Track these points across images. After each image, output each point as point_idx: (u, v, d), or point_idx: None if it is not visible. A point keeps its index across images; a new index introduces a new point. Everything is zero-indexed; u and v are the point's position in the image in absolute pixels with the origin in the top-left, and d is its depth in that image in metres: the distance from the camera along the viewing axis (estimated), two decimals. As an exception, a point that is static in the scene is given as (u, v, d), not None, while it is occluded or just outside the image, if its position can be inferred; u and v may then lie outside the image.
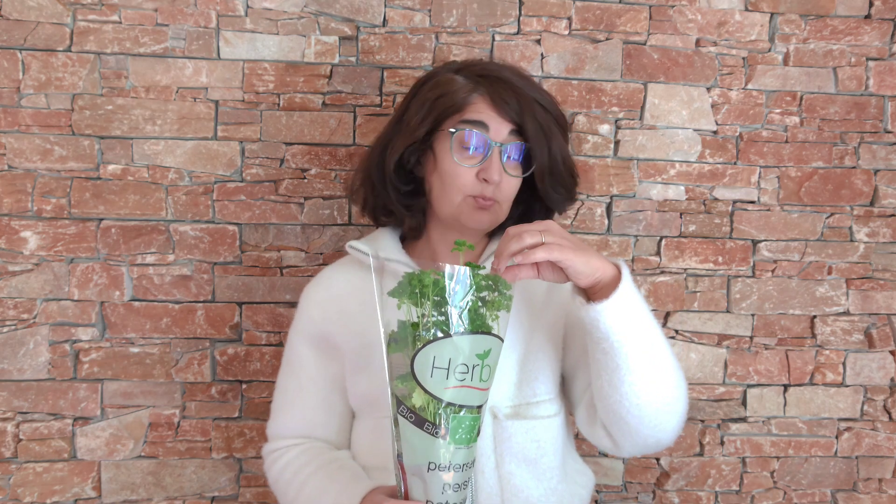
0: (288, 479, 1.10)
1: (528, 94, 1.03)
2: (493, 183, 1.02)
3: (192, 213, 1.36)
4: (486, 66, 1.07)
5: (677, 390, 0.97)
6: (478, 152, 1.02)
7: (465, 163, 1.03)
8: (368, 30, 1.37)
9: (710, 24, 1.43)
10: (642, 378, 0.93)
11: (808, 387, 1.50)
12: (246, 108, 1.36)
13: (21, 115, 1.32)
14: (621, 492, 1.49)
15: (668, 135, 1.44)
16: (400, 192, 1.10)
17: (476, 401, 0.84)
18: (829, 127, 1.46)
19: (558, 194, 1.09)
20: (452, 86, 1.04)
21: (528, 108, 1.02)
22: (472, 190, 1.03)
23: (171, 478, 1.40)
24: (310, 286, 1.16)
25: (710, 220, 1.45)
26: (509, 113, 1.02)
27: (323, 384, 1.14)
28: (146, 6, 1.33)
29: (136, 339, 1.37)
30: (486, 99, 1.02)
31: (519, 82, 1.04)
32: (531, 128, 1.02)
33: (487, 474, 1.03)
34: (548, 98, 1.07)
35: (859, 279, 1.49)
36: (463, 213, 1.05)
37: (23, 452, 1.36)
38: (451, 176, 1.04)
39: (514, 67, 1.10)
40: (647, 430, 0.97)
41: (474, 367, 0.83)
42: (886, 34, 1.46)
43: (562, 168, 1.06)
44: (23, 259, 1.34)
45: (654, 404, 0.95)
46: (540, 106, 1.03)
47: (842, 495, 1.52)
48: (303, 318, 1.14)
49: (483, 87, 1.03)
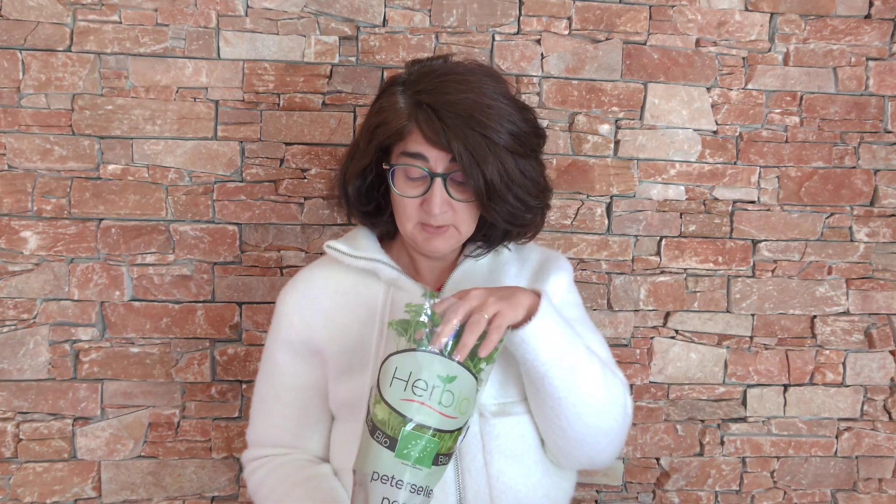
0: (265, 494, 1.10)
1: (455, 122, 0.96)
2: (433, 215, 1.01)
3: (192, 213, 1.36)
4: (427, 85, 1.00)
5: (609, 411, 1.01)
6: (421, 183, 1.01)
7: (409, 193, 1.02)
8: (368, 30, 1.37)
9: (710, 24, 1.43)
10: (574, 405, 0.98)
11: (808, 387, 1.50)
12: (246, 108, 1.36)
13: (21, 115, 1.32)
14: (621, 492, 1.49)
15: (668, 135, 1.44)
16: (361, 212, 1.11)
17: (432, 422, 0.84)
18: (829, 127, 1.46)
19: (502, 216, 1.03)
20: (391, 113, 1.01)
21: (458, 135, 0.96)
22: (420, 219, 1.03)
23: (171, 478, 1.40)
24: (287, 290, 1.13)
25: (710, 220, 1.46)
26: (441, 144, 0.98)
27: (301, 392, 1.12)
28: (146, 6, 1.33)
29: (136, 339, 1.37)
30: (419, 131, 0.99)
31: (451, 106, 0.97)
32: (463, 156, 0.97)
33: (475, 473, 1.03)
34: (488, 117, 0.98)
35: (859, 279, 1.49)
36: (417, 240, 1.05)
37: (23, 452, 1.36)
38: (399, 205, 1.04)
39: (459, 78, 1.01)
40: (579, 453, 1.03)
41: (434, 387, 0.84)
42: (886, 34, 1.46)
43: (502, 189, 0.99)
44: (23, 259, 1.34)
45: (587, 428, 1.00)
46: (472, 130, 0.97)
47: (842, 495, 1.52)
48: (281, 324, 1.12)
49: (416, 116, 0.99)
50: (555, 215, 1.42)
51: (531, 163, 1.04)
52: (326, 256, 1.14)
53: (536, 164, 1.06)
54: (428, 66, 1.05)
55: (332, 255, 1.12)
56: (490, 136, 0.97)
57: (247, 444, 1.18)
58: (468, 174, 0.98)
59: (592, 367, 0.99)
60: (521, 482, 1.05)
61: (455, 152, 0.97)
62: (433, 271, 1.12)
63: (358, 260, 1.09)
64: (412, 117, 0.99)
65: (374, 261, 1.09)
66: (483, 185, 0.98)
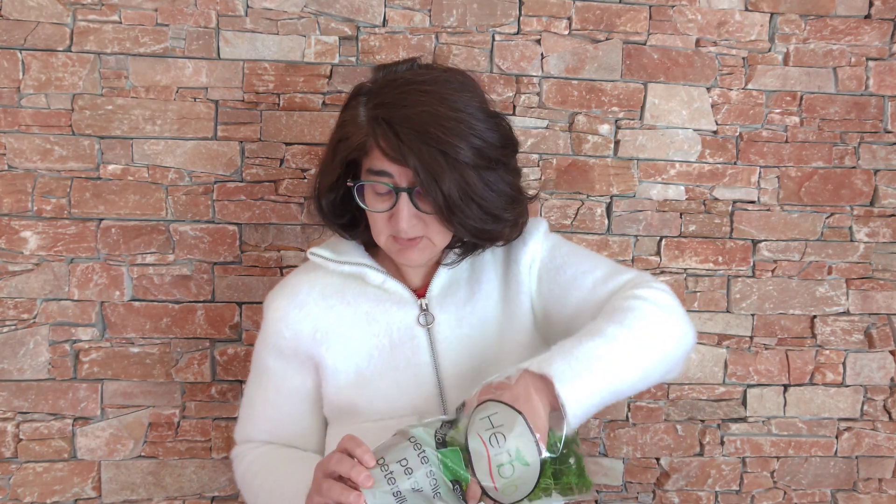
0: (251, 478, 1.10)
1: (410, 138, 0.95)
2: (402, 230, 0.99)
3: (192, 213, 1.36)
4: (385, 98, 0.98)
5: (662, 341, 0.98)
6: (387, 197, 1.00)
7: (378, 208, 1.01)
8: (368, 30, 1.37)
9: (710, 24, 1.43)
10: (648, 375, 0.96)
11: (808, 387, 1.50)
12: (246, 108, 1.36)
13: (21, 115, 1.32)
14: (621, 492, 1.49)
15: (668, 135, 1.44)
16: (337, 224, 1.10)
17: (485, 481, 0.87)
18: (829, 127, 1.46)
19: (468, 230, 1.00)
20: (352, 127, 1.00)
21: (413, 150, 0.94)
22: (391, 231, 1.02)
23: (171, 478, 1.40)
24: (273, 296, 1.12)
25: (710, 220, 1.46)
26: (399, 160, 0.96)
27: (291, 397, 1.12)
28: (146, 6, 1.33)
29: (136, 339, 1.37)
30: (378, 148, 0.98)
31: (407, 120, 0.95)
32: (420, 172, 0.95)
33: None
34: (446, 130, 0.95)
35: (859, 279, 1.49)
36: (391, 251, 1.05)
37: (23, 452, 1.36)
38: (371, 219, 1.04)
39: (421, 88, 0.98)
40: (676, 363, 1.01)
41: (506, 453, 0.86)
42: (886, 34, 1.46)
43: (458, 201, 0.96)
44: (23, 259, 1.34)
45: (664, 374, 0.99)
46: (427, 146, 0.94)
47: (842, 495, 1.52)
48: (269, 331, 1.11)
49: (375, 132, 0.97)
50: (555, 215, 1.42)
51: (499, 174, 1.00)
52: (310, 262, 1.13)
53: (506, 173, 1.02)
54: (392, 74, 1.03)
55: (315, 262, 1.11)
56: (447, 152, 0.94)
57: (235, 442, 1.19)
58: (427, 189, 0.96)
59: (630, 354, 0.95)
60: None
61: (412, 168, 0.95)
62: (418, 273, 1.12)
63: (343, 265, 1.09)
64: (370, 133, 0.98)
65: (359, 265, 1.09)
66: (442, 201, 0.96)
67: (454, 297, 1.09)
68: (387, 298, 1.09)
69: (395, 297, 1.09)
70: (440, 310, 1.08)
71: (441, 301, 1.09)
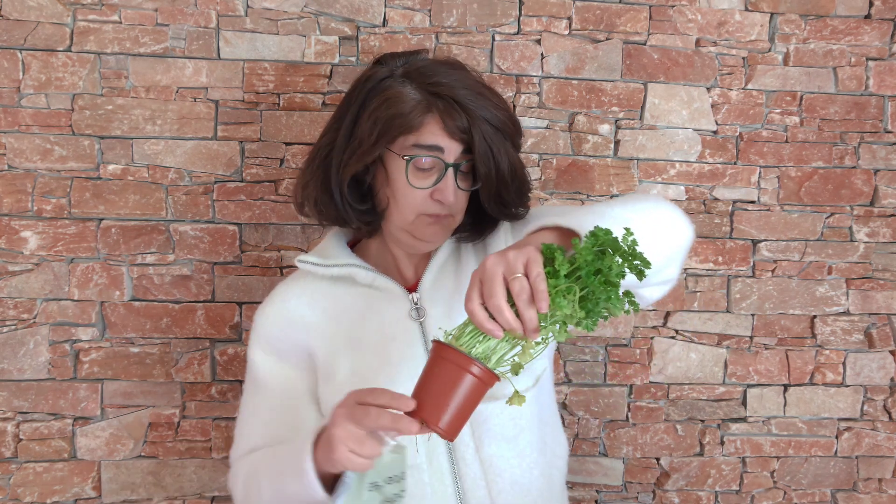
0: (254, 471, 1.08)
1: (476, 113, 1.00)
2: (447, 203, 1.03)
3: (192, 213, 1.36)
4: (436, 79, 1.02)
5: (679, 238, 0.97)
6: (432, 174, 1.02)
7: (421, 185, 1.02)
8: (368, 30, 1.37)
9: (710, 24, 1.43)
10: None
11: (808, 387, 1.50)
12: (246, 107, 1.36)
13: (21, 115, 1.32)
14: (621, 492, 1.49)
15: (668, 135, 1.44)
16: (358, 211, 1.08)
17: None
18: (829, 127, 1.46)
19: (502, 204, 1.07)
20: (404, 104, 1.01)
21: (477, 126, 1.00)
22: (426, 209, 1.03)
23: (171, 478, 1.40)
24: (263, 309, 1.13)
25: (710, 219, 1.46)
26: (459, 134, 1.01)
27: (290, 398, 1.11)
28: (146, 6, 1.33)
29: (136, 339, 1.37)
30: (438, 121, 1.00)
31: (467, 97, 1.01)
32: (479, 146, 1.01)
33: (469, 460, 1.04)
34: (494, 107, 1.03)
35: (859, 279, 1.49)
36: (417, 228, 1.05)
37: (23, 452, 1.36)
38: (405, 196, 1.03)
39: (461, 73, 1.05)
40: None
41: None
42: (886, 34, 1.46)
43: (507, 178, 1.04)
44: (23, 259, 1.34)
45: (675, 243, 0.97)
46: (487, 122, 1.01)
47: (842, 495, 1.52)
48: (261, 339, 1.12)
49: (435, 107, 1.01)
50: (555, 215, 1.42)
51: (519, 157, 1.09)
52: (299, 270, 1.15)
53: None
54: (419, 60, 1.07)
55: (304, 269, 1.12)
56: (499, 127, 1.03)
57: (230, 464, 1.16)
58: (480, 164, 1.02)
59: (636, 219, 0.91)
60: (516, 463, 1.05)
61: (472, 143, 1.01)
62: (410, 266, 1.13)
63: (331, 268, 1.10)
64: (428, 110, 1.01)
65: (347, 266, 1.09)
66: (495, 175, 1.03)
67: (443, 289, 1.10)
68: (377, 296, 1.09)
69: (386, 293, 1.09)
70: (431, 304, 1.09)
71: (432, 294, 1.10)
